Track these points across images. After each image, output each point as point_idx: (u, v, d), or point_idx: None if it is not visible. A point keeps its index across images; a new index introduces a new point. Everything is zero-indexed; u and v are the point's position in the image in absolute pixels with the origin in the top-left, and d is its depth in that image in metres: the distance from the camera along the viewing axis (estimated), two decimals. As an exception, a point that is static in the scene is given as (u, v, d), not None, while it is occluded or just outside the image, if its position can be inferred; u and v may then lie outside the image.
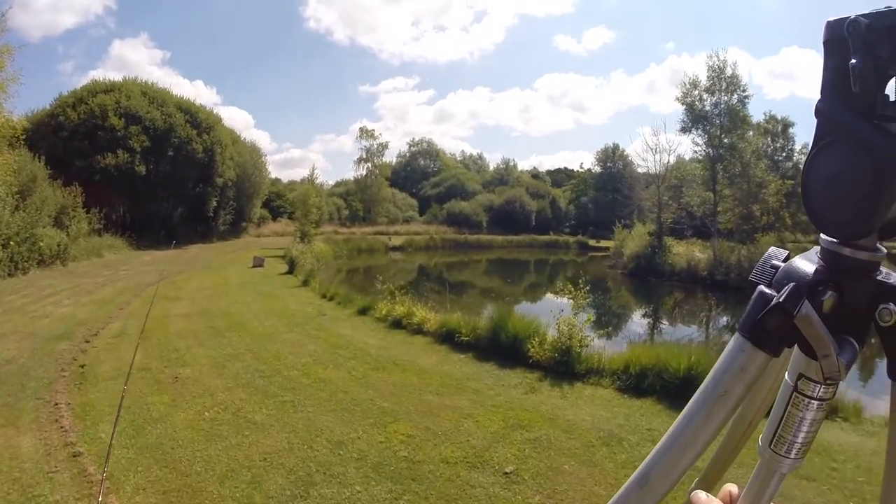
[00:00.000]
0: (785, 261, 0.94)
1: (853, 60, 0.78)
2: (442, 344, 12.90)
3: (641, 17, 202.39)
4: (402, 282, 37.36)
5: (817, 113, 0.86)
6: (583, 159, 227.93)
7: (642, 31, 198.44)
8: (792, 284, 0.83)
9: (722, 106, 41.20)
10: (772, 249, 0.97)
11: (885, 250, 0.88)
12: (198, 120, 45.58)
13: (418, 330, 13.92)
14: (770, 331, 0.84)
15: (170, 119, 42.71)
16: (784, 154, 54.42)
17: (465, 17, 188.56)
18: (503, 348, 12.01)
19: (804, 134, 49.70)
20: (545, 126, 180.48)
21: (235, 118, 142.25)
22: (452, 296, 32.73)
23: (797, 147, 58.78)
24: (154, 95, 43.77)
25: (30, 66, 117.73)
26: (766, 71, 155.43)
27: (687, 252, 42.16)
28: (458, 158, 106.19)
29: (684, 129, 42.78)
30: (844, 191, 0.83)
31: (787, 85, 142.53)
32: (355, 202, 76.32)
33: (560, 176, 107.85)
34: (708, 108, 41.58)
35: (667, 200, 44.42)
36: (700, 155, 43.67)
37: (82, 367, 10.61)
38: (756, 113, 54.77)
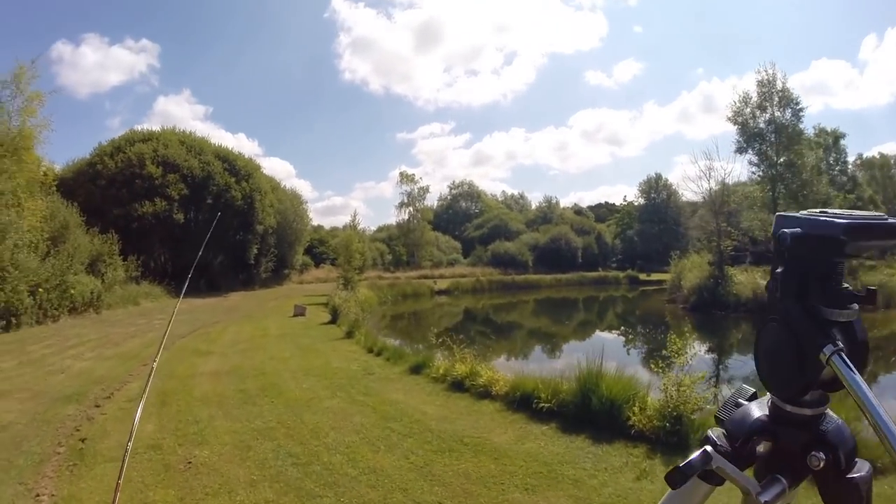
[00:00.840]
0: (750, 398, 1.20)
1: (778, 269, 1.10)
2: (516, 412, 10.54)
3: (668, 45, 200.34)
4: (448, 324, 37.79)
5: (769, 293, 1.11)
6: (622, 192, 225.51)
7: (670, 60, 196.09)
8: (703, 449, 1.06)
9: (777, 122, 38.83)
10: (741, 387, 1.25)
11: (827, 403, 1.12)
12: (236, 167, 44.39)
13: (485, 393, 11.62)
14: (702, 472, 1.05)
15: (208, 167, 41.54)
16: (838, 168, 51.44)
17: (496, 61, 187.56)
18: (595, 416, 9.67)
19: (855, 144, 46.54)
20: (582, 162, 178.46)
21: (277, 168, 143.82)
22: (502, 340, 32.00)
23: (850, 159, 56.30)
24: (192, 144, 42.81)
25: (78, 122, 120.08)
26: (799, 86, 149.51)
27: (749, 280, 39.12)
28: (500, 199, 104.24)
29: (739, 150, 40.36)
30: (778, 362, 1.09)
31: (822, 98, 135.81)
32: (398, 246, 74.72)
33: (602, 211, 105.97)
34: (762, 125, 39.24)
35: (724, 227, 41.49)
36: (756, 176, 40.98)
37: (83, 441, 8.63)
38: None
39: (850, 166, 54.94)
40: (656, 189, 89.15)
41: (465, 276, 67.84)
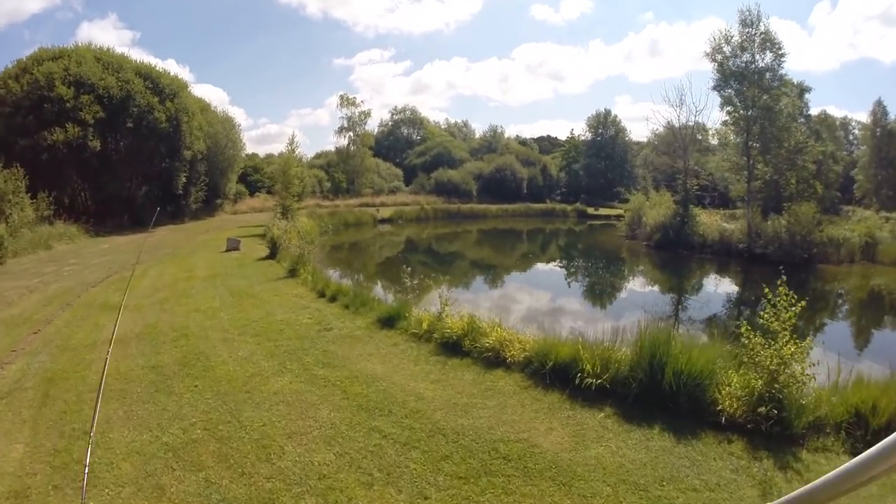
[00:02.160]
0: None
1: None
2: (548, 389, 7.67)
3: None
4: (392, 254, 35.64)
5: None
6: (563, 128, 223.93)
7: (620, 1, 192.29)
8: None
9: (757, 64, 36.41)
10: None
11: None
12: (160, 86, 38.67)
13: (495, 360, 8.71)
14: None
15: (127, 86, 35.73)
16: (801, 120, 49.91)
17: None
18: (669, 398, 7.00)
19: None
20: (523, 95, 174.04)
21: (210, 96, 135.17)
22: (464, 275, 29.67)
23: (813, 113, 55.57)
24: (109, 61, 36.71)
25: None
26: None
27: (712, 222, 37.81)
28: (443, 126, 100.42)
29: (717, 88, 37.73)
30: None
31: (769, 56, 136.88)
32: (337, 173, 70.28)
33: (544, 144, 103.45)
34: (742, 65, 36.70)
35: (692, 166, 39.51)
36: (729, 118, 38.64)
37: None
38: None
39: (812, 121, 53.55)
40: (604, 125, 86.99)
41: (408, 204, 64.89)
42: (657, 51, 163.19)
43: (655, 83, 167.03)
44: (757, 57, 36.38)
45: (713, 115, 42.53)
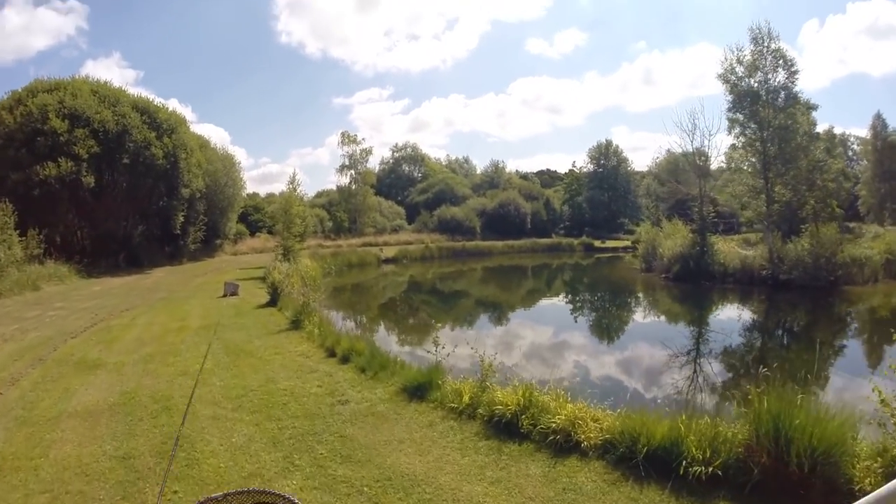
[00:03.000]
0: None
1: None
2: (646, 482, 5.78)
3: (612, 17, 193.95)
4: (418, 302, 33.94)
5: None
6: (561, 161, 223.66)
7: (613, 32, 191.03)
8: None
9: (770, 83, 35.25)
10: None
11: None
12: (157, 121, 36.95)
13: (565, 444, 6.74)
14: None
15: (124, 120, 33.93)
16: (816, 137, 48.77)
17: (438, 25, 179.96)
18: (797, 482, 5.30)
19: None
20: (521, 130, 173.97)
21: (211, 135, 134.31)
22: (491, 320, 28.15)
23: (819, 131, 53.59)
24: (106, 94, 34.96)
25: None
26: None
27: (730, 250, 36.30)
28: (444, 163, 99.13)
29: (732, 110, 36.42)
30: None
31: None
32: (339, 212, 68.74)
33: (544, 177, 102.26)
34: (754, 84, 35.53)
35: (708, 193, 37.95)
36: (742, 140, 37.22)
37: None
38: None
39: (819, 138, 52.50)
40: (606, 155, 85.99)
41: (412, 242, 63.20)
42: (651, 80, 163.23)
43: (651, 112, 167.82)
44: (770, 76, 35.22)
45: (719, 140, 39.98)
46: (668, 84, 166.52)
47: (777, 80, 35.26)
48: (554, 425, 7.01)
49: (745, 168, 37.03)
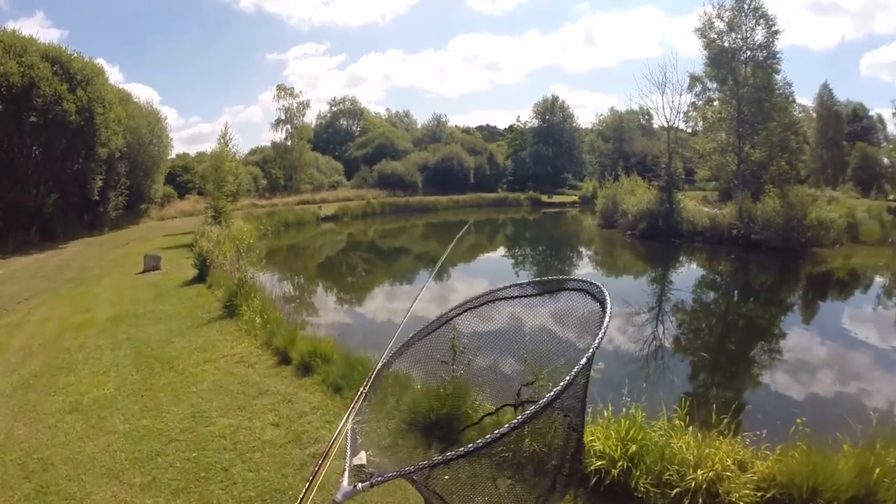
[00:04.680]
0: None
1: None
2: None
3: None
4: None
5: None
6: (500, 118, 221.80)
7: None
8: None
9: (750, 39, 34.33)
10: None
11: None
12: (70, 72, 32.33)
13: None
14: None
15: (31, 72, 29.52)
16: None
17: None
18: None
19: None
20: (460, 86, 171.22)
21: (140, 96, 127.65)
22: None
23: None
24: (11, 43, 30.08)
25: None
26: (682, 31, 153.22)
27: (694, 208, 35.24)
28: (384, 117, 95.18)
29: (711, 64, 35.69)
30: None
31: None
32: (274, 170, 64.47)
33: (484, 133, 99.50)
34: (736, 41, 34.60)
35: (676, 148, 36.82)
36: (703, 98, 37.21)
37: None
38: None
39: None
40: (551, 111, 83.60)
41: (351, 199, 60.20)
42: (593, 41, 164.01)
43: (591, 73, 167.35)
44: (748, 34, 34.21)
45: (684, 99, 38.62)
46: (610, 45, 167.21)
47: (756, 38, 34.13)
48: (691, 482, 4.79)
49: (719, 125, 36.32)
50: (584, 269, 29.99)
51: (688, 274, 27.14)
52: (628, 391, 6.40)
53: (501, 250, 38.03)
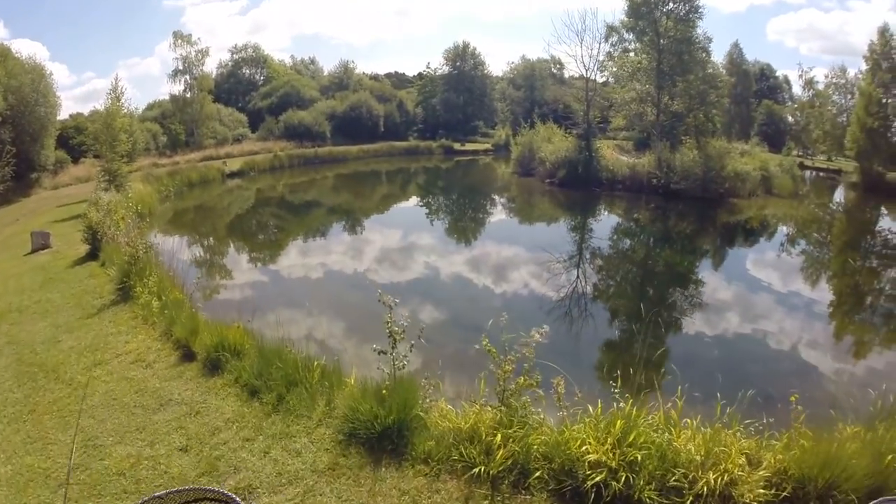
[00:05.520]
0: None
1: None
2: None
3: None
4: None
5: None
6: (410, 66, 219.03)
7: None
8: None
9: None
10: None
11: None
12: None
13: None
14: None
15: None
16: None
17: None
18: None
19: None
20: (368, 33, 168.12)
21: (27, 52, 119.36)
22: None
23: None
24: None
25: None
26: None
27: (613, 156, 36.28)
28: (289, 65, 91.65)
29: (631, 14, 35.72)
30: None
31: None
32: (174, 125, 61.03)
33: (394, 81, 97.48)
34: None
35: (594, 97, 36.83)
36: (632, 46, 37.81)
37: None
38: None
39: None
40: (462, 57, 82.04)
41: (258, 152, 57.79)
42: None
43: (506, 22, 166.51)
44: None
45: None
46: None
47: None
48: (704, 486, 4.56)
49: (637, 75, 36.61)
50: (502, 216, 29.86)
51: (609, 222, 27.44)
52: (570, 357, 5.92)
53: (415, 200, 37.32)
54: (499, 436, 5.61)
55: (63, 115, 52.43)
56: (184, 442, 6.45)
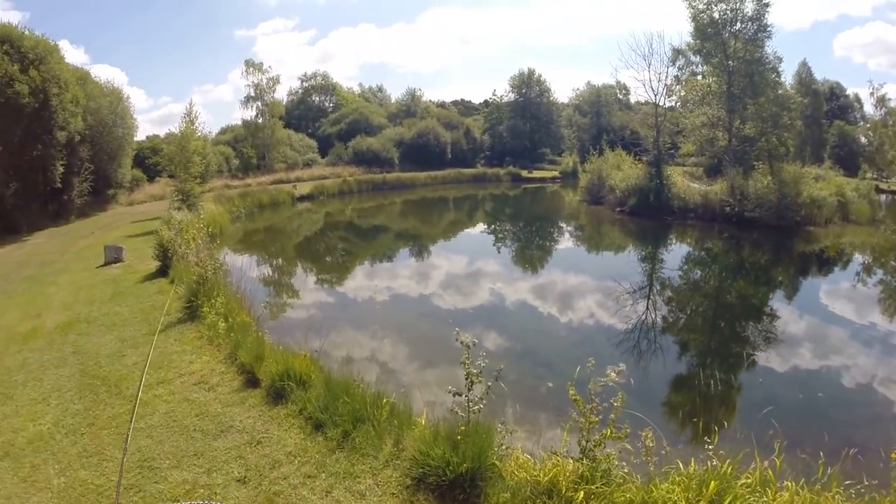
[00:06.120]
0: None
1: None
2: None
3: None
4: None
5: None
6: (473, 92, 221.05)
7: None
8: None
9: (741, 12, 32.68)
10: None
11: None
12: (21, 51, 30.03)
13: None
14: None
15: None
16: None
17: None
18: None
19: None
20: (432, 61, 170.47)
21: (106, 76, 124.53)
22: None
23: None
24: None
25: None
26: (654, 6, 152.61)
27: (685, 184, 34.26)
28: (357, 92, 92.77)
29: (698, 36, 34.07)
30: None
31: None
32: (246, 149, 62.20)
33: (459, 108, 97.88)
34: (717, 15, 33.03)
35: (665, 123, 35.54)
36: (687, 72, 37.28)
37: None
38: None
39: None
40: (528, 84, 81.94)
41: (327, 177, 58.41)
42: (565, 16, 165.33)
43: (562, 48, 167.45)
44: (738, 4, 32.53)
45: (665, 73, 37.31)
46: (582, 21, 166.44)
47: (745, 10, 32.54)
48: None
49: (707, 99, 34.77)
50: (570, 244, 28.99)
51: (680, 252, 26.20)
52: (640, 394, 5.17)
53: (482, 226, 36.70)
54: (581, 492, 4.90)
55: (140, 136, 54.04)
56: (242, 473, 5.92)
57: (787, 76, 58.92)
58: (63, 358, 9.67)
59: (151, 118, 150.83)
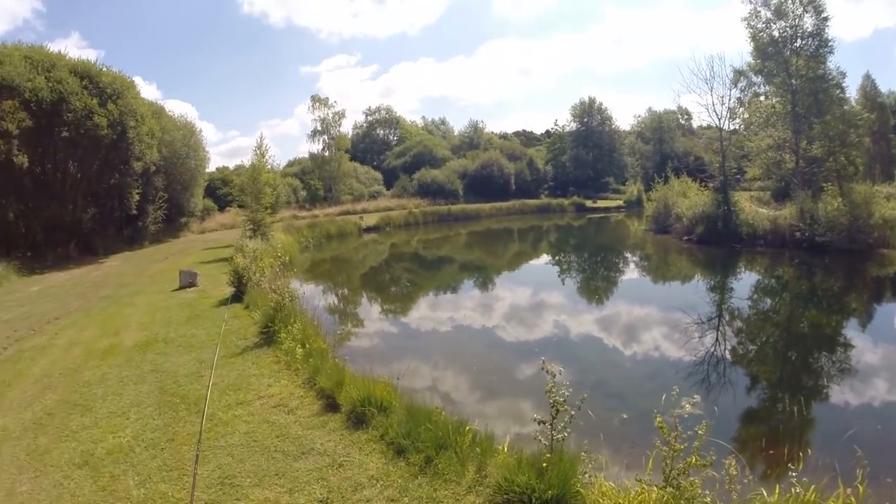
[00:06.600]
0: None
1: None
2: None
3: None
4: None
5: None
6: (535, 122, 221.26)
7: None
8: None
9: (802, 28, 31.34)
10: None
11: None
12: (100, 86, 31.22)
13: None
14: None
15: (60, 87, 28.46)
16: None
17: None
18: None
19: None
20: (492, 92, 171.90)
21: (179, 111, 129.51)
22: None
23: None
24: (40, 59, 29.25)
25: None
26: (709, 27, 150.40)
27: (752, 209, 33.15)
28: (420, 125, 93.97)
29: (758, 56, 32.84)
30: None
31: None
32: (314, 181, 63.66)
33: (521, 138, 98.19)
34: (786, 31, 31.66)
35: (731, 147, 34.43)
36: (750, 92, 34.81)
37: None
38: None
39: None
40: (589, 113, 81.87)
41: (393, 209, 59.02)
42: (621, 40, 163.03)
43: (620, 74, 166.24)
44: (797, 21, 31.22)
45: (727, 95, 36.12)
46: (638, 46, 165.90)
47: (805, 26, 31.32)
48: None
49: (772, 120, 33.23)
50: (636, 274, 28.17)
51: (749, 280, 25.06)
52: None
53: (546, 258, 36.11)
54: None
55: (210, 167, 55.79)
56: (325, 494, 5.64)
57: (852, 90, 56.45)
58: (142, 375, 9.64)
59: (221, 151, 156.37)
